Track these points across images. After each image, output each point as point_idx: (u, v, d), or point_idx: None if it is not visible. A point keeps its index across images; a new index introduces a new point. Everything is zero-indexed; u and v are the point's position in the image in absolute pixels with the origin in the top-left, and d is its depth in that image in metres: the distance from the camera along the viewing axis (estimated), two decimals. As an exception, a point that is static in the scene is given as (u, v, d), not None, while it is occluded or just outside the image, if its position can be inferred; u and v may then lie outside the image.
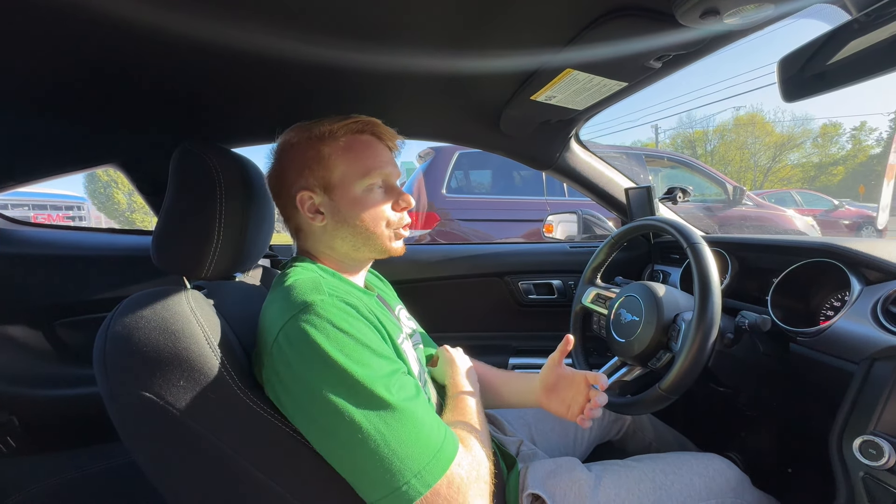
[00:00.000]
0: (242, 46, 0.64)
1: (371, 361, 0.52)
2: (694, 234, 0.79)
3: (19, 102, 0.77)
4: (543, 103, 0.92)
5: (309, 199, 0.66)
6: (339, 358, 0.50)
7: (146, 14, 0.55)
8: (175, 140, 0.68)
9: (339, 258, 0.70)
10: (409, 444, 0.49)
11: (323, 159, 0.65)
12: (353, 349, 0.51)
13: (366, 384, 0.50)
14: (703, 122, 29.15)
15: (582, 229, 1.55)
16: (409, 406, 0.52)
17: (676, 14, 0.59)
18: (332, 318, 0.52)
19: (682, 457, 0.79)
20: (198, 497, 0.55)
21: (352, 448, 0.49)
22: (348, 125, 0.66)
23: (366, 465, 0.48)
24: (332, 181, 0.65)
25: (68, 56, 0.64)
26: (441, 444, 0.52)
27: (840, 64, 0.56)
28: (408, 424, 0.50)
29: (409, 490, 0.48)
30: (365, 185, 0.66)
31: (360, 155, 0.66)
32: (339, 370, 0.50)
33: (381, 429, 0.48)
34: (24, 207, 4.78)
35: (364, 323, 0.56)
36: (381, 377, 0.51)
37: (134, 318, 0.52)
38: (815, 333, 0.76)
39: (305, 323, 0.52)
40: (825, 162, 23.60)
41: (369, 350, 0.53)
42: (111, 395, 0.51)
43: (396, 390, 0.52)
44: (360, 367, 0.50)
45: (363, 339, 0.53)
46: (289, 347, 0.51)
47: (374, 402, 0.49)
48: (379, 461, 0.48)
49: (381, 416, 0.49)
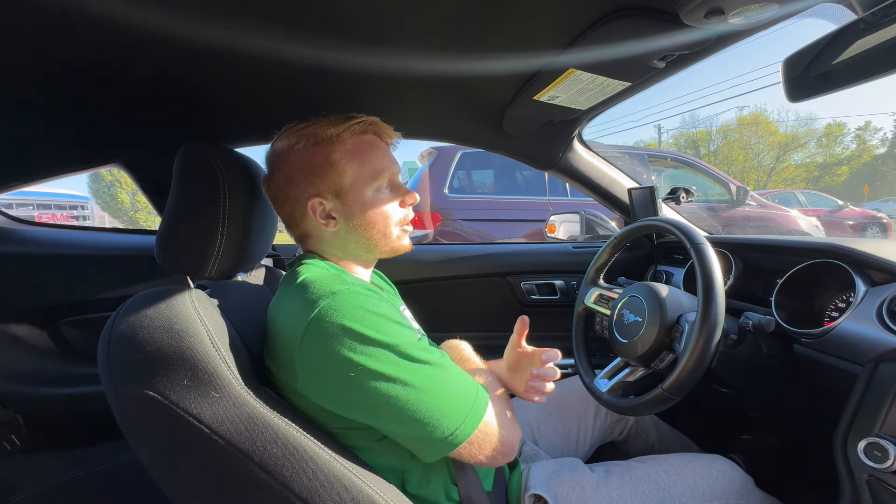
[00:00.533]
0: (247, 48, 0.64)
1: (402, 333, 0.57)
2: (697, 234, 0.79)
3: (23, 101, 0.78)
4: (546, 103, 0.92)
5: (321, 205, 0.65)
6: (376, 335, 0.54)
7: (152, 15, 0.56)
8: (179, 140, 0.68)
9: (349, 259, 0.70)
10: (456, 392, 0.58)
11: (333, 165, 0.64)
12: (385, 326, 0.56)
13: (407, 351, 0.55)
14: (706, 122, 29.04)
15: (585, 229, 1.55)
16: (445, 361, 0.60)
17: (681, 14, 0.59)
18: (360, 302, 0.56)
19: (686, 458, 0.79)
20: (200, 496, 0.55)
21: (410, 409, 0.54)
22: (351, 127, 0.65)
23: (429, 415, 0.55)
24: (343, 186, 0.65)
25: (73, 55, 0.65)
26: (476, 391, 0.60)
27: (845, 64, 0.55)
28: (451, 375, 0.59)
29: (464, 428, 0.56)
30: (375, 186, 0.66)
31: (368, 157, 0.66)
32: (380, 346, 0.54)
33: (431, 385, 0.56)
34: (29, 207, 4.81)
35: (386, 303, 0.60)
36: (413, 343, 0.57)
37: (138, 317, 0.52)
38: (820, 334, 0.75)
39: (336, 312, 0.54)
40: (829, 162, 23.50)
41: (398, 324, 0.58)
42: (115, 394, 0.52)
43: (429, 352, 0.58)
44: (396, 339, 0.55)
45: (390, 315, 0.58)
46: (323, 338, 0.53)
47: (417, 365, 0.56)
48: (437, 411, 0.55)
49: (427, 374, 0.56)
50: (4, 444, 0.98)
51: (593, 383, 0.92)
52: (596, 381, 0.92)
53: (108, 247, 1.16)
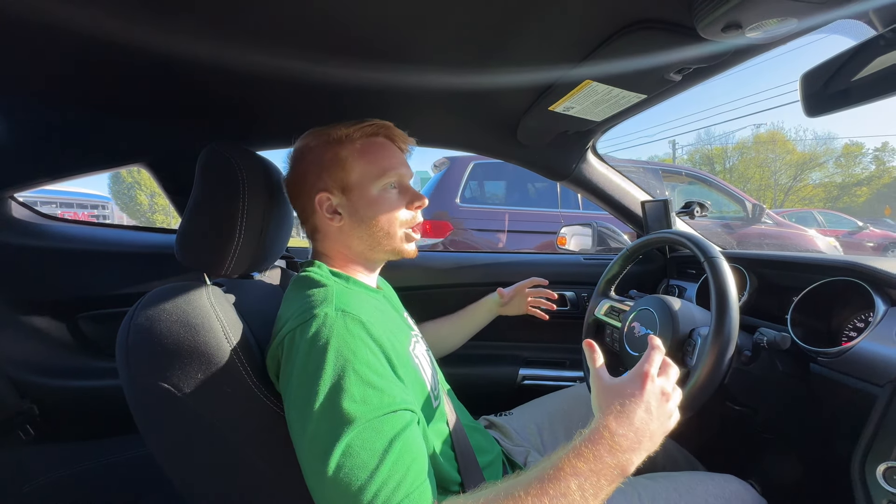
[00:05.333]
0: (273, 60, 0.67)
1: (364, 395, 0.49)
2: (712, 247, 0.78)
3: (58, 101, 0.81)
4: (561, 114, 0.93)
5: (327, 200, 0.67)
6: (329, 379, 0.49)
7: (184, 31, 0.58)
8: (202, 141, 0.70)
9: (355, 258, 0.71)
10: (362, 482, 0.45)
11: (340, 161, 0.67)
12: (343, 373, 0.50)
13: (344, 407, 0.48)
14: (721, 139, 28.74)
15: (596, 242, 1.54)
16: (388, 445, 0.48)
17: (698, 27, 0.59)
18: (333, 335, 0.52)
19: (697, 477, 0.77)
20: (209, 487, 0.56)
21: (309, 459, 0.48)
22: (363, 128, 0.68)
23: (315, 478, 0.47)
24: (349, 182, 0.67)
25: (109, 62, 0.67)
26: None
27: (865, 80, 0.55)
28: (370, 460, 0.46)
29: None
30: (381, 185, 0.68)
31: (376, 156, 0.68)
32: (325, 389, 0.49)
33: (336, 458, 0.46)
34: (52, 205, 4.99)
35: (367, 346, 0.53)
36: (367, 408, 0.49)
37: (156, 310, 0.54)
38: (837, 354, 0.74)
39: (307, 334, 0.53)
40: (849, 182, 23.03)
41: (361, 381, 0.50)
42: (131, 384, 0.53)
43: (376, 432, 0.48)
44: (346, 399, 0.48)
45: (364, 373, 0.51)
46: (289, 350, 0.54)
47: (338, 429, 0.47)
48: (327, 484, 0.46)
49: (340, 445, 0.46)
50: (19, 434, 1.00)
51: (602, 396, 0.90)
52: (605, 394, 0.91)
53: (127, 244, 1.19)
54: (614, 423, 0.50)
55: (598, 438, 0.49)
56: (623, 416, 0.51)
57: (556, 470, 0.46)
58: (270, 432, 0.54)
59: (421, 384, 0.63)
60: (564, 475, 0.46)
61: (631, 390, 0.53)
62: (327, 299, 0.57)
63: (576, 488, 0.45)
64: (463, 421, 0.77)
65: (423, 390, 0.63)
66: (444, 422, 0.69)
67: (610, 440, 0.49)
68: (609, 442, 0.49)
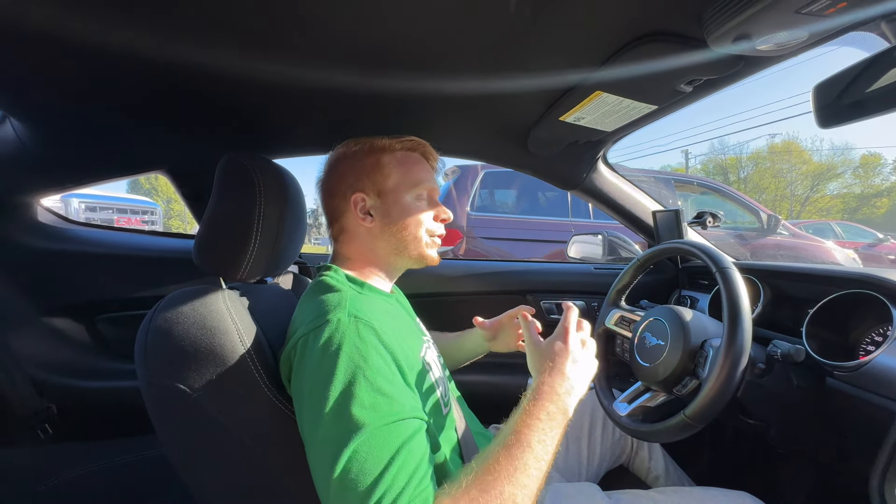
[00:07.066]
0: (294, 72, 0.70)
1: (373, 401, 0.51)
2: (724, 258, 0.77)
3: (85, 109, 0.84)
4: (572, 124, 0.93)
5: (362, 200, 0.71)
6: (341, 383, 0.50)
7: (207, 44, 0.61)
8: (220, 149, 0.73)
9: (377, 261, 0.73)
10: (370, 480, 0.47)
11: (381, 167, 0.72)
12: (353, 379, 0.51)
13: (353, 419, 0.49)
14: (735, 149, 28.38)
15: (607, 251, 1.53)
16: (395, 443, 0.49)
17: (708, 39, 0.59)
18: (345, 341, 0.53)
19: (710, 492, 0.76)
20: (220, 488, 0.57)
21: (318, 462, 0.49)
22: (403, 142, 0.75)
23: (322, 482, 0.48)
24: (385, 187, 0.71)
25: (134, 71, 0.70)
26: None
27: (879, 92, 0.55)
28: (380, 459, 0.48)
29: None
30: (414, 193, 0.72)
31: (413, 168, 0.73)
32: (336, 392, 0.50)
33: (346, 463, 0.47)
34: (109, 210, 5.25)
35: (379, 352, 0.54)
36: (375, 414, 0.50)
37: (174, 313, 0.55)
38: (854, 368, 0.72)
39: (319, 339, 0.54)
40: (868, 193, 22.50)
41: (371, 388, 0.51)
42: (148, 384, 0.54)
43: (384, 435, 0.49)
44: (356, 405, 0.49)
45: (370, 371, 0.52)
46: (302, 354, 0.55)
47: (346, 434, 0.48)
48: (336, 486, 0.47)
49: (349, 449, 0.48)
50: (38, 433, 1.02)
51: (612, 406, 0.90)
52: (615, 405, 0.90)
53: (146, 248, 1.22)
54: (549, 378, 0.59)
55: (540, 394, 0.57)
56: (556, 370, 0.60)
57: (516, 434, 0.53)
58: (282, 435, 0.55)
59: (431, 390, 0.64)
60: (524, 436, 0.53)
61: (558, 348, 0.63)
62: (340, 304, 0.58)
63: (536, 442, 0.53)
64: (472, 428, 0.77)
65: (434, 397, 0.64)
66: (454, 429, 0.69)
67: (550, 392, 0.58)
68: (550, 394, 0.58)
